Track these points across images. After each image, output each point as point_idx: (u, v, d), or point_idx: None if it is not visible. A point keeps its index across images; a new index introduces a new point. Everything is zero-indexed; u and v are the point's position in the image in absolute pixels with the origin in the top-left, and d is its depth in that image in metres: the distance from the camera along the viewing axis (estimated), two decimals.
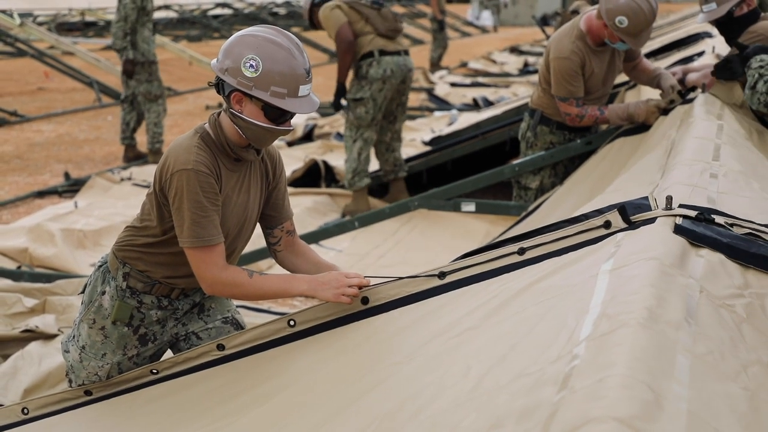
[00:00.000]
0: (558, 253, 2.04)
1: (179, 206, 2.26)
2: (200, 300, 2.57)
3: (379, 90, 5.85)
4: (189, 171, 2.24)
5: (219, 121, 2.34)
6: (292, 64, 2.22)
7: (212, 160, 2.29)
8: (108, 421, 2.40)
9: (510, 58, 16.16)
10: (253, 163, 2.41)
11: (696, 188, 2.33)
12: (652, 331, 1.43)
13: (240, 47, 2.24)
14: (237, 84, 2.23)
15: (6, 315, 4.04)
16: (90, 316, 2.49)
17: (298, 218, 5.72)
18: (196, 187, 2.24)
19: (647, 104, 4.09)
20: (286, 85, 2.22)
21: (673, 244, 1.82)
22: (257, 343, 2.29)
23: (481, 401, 1.49)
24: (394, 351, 2.01)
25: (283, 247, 2.53)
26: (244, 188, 2.39)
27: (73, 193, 6.75)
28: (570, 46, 4.15)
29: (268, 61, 2.21)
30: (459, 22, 24.08)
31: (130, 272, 2.44)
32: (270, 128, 2.27)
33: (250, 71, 2.21)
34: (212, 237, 2.27)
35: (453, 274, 2.13)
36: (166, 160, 2.29)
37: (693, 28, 7.33)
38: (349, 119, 5.95)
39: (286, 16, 23.52)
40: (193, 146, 2.28)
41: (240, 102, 2.26)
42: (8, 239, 5.22)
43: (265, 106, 2.24)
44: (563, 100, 4.23)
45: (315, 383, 2.11)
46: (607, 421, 1.16)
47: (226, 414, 2.19)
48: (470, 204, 4.84)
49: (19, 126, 9.97)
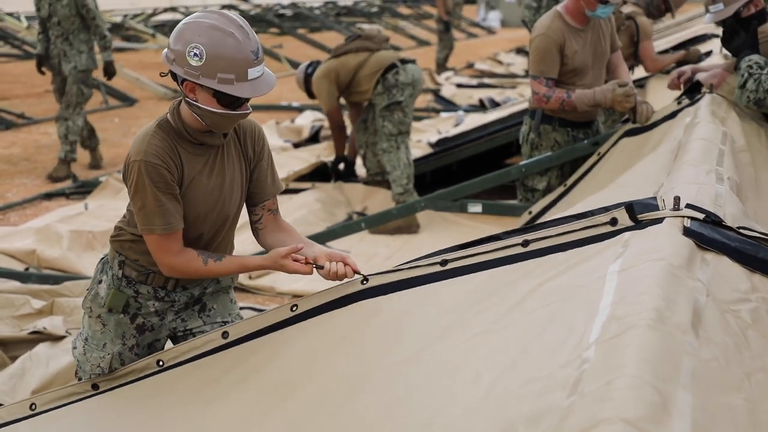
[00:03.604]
0: (562, 248, 2.02)
1: (133, 195, 2.32)
2: (199, 295, 2.57)
3: (410, 95, 5.94)
4: (139, 161, 2.27)
5: (178, 108, 2.35)
6: (238, 48, 2.19)
7: (169, 148, 2.30)
8: (113, 410, 2.41)
9: (516, 59, 16.13)
10: (227, 143, 2.41)
11: (702, 186, 2.32)
12: (660, 333, 1.43)
13: (183, 36, 2.21)
14: (184, 74, 2.21)
15: (14, 316, 4.05)
16: (87, 305, 2.53)
17: (304, 219, 5.73)
18: (146, 176, 2.26)
19: (613, 92, 4.08)
20: (234, 71, 2.19)
21: (681, 245, 1.82)
22: (260, 328, 2.30)
23: (491, 408, 1.49)
24: (400, 347, 2.00)
25: (264, 226, 2.51)
26: (216, 170, 2.39)
27: (80, 195, 6.76)
28: (547, 23, 4.16)
29: (212, 47, 2.17)
30: (465, 23, 24.06)
31: (125, 261, 2.47)
32: (226, 113, 2.26)
33: (195, 60, 2.18)
34: (168, 225, 2.31)
35: (455, 262, 2.12)
36: (129, 150, 2.34)
37: (700, 28, 7.31)
38: (386, 130, 5.93)
39: (292, 18, 23.52)
40: (148, 135, 2.30)
41: (193, 90, 2.25)
42: (16, 241, 5.24)
43: (216, 93, 2.22)
44: (535, 78, 4.22)
45: (317, 375, 2.11)
46: (615, 422, 1.16)
47: (226, 400, 2.20)
48: (477, 205, 4.83)
49: (27, 128, 9.99)
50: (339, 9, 25.78)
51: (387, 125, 5.92)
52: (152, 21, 19.63)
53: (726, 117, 3.46)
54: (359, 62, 5.93)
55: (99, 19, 7.19)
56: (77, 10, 7.10)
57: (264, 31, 21.55)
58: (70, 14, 7.11)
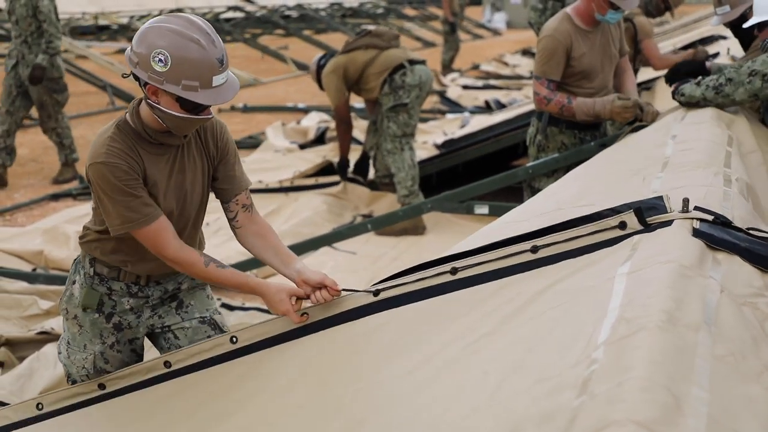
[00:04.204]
0: (572, 254, 2.02)
1: (100, 197, 2.30)
2: (174, 290, 2.56)
3: (416, 97, 5.88)
4: (99, 164, 2.26)
5: (138, 109, 2.34)
6: (203, 55, 2.18)
7: (129, 148, 2.29)
8: (123, 418, 2.41)
9: (522, 60, 16.12)
10: (188, 142, 2.40)
11: (710, 189, 2.32)
12: (670, 334, 1.43)
13: (148, 40, 2.19)
14: (148, 78, 2.20)
15: (22, 317, 4.07)
16: (63, 306, 2.54)
17: (310, 220, 5.74)
18: (109, 177, 2.25)
19: (613, 104, 4.09)
20: (198, 78, 2.18)
21: (691, 246, 1.82)
22: (269, 336, 2.30)
23: (499, 407, 1.49)
24: (409, 356, 2.00)
25: (242, 224, 2.49)
26: (177, 169, 2.38)
27: (86, 196, 6.78)
28: (555, 25, 4.17)
29: (177, 53, 2.16)
30: (471, 24, 24.05)
31: (95, 258, 2.48)
32: (188, 118, 2.25)
33: (160, 65, 2.17)
34: (147, 215, 2.29)
35: (465, 270, 2.12)
36: (88, 153, 2.33)
37: (707, 30, 7.30)
38: (390, 131, 5.89)
39: (297, 19, 23.55)
40: (106, 137, 2.29)
41: (155, 93, 2.24)
42: (24, 242, 5.25)
43: (179, 98, 2.21)
44: (537, 79, 4.22)
45: (325, 384, 2.11)
46: (627, 424, 1.16)
47: (237, 409, 2.20)
48: (483, 206, 4.83)
49: (34, 129, 10.00)
50: (344, 10, 25.79)
51: (392, 126, 5.89)
52: None
53: (733, 120, 3.45)
54: (368, 59, 5.88)
55: (51, 24, 6.79)
56: (34, 12, 6.77)
57: (270, 32, 21.58)
58: (26, 15, 6.76)
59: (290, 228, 5.58)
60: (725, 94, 3.54)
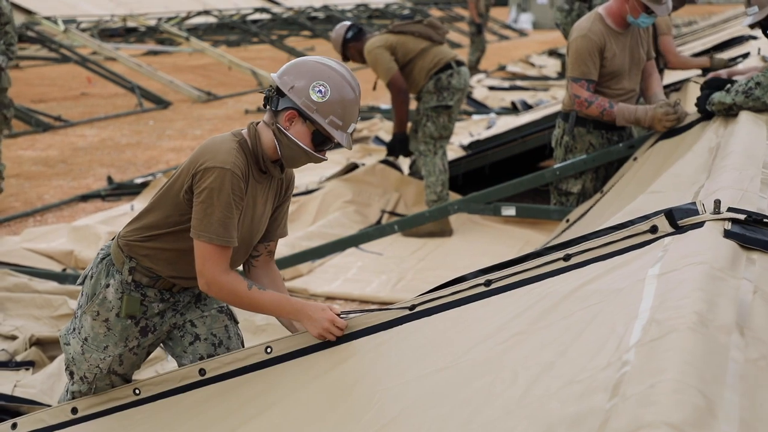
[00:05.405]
0: (604, 258, 2.02)
1: (208, 201, 2.31)
2: (199, 290, 2.58)
3: (458, 100, 5.73)
4: (227, 170, 2.29)
5: (258, 131, 2.40)
6: (355, 101, 2.36)
7: (245, 167, 2.35)
8: (156, 422, 2.42)
9: (548, 61, 16.05)
10: (275, 178, 2.48)
11: (746, 193, 2.29)
12: (702, 336, 1.42)
13: (312, 71, 2.34)
14: (301, 104, 2.31)
15: (52, 317, 4.11)
16: (94, 309, 2.53)
17: (337, 221, 5.75)
18: (229, 187, 2.29)
19: (654, 111, 4.08)
20: (344, 119, 2.34)
21: (723, 247, 1.80)
22: (304, 346, 2.31)
23: (531, 409, 1.49)
24: (439, 356, 2.01)
25: (260, 265, 2.58)
26: (261, 201, 2.45)
27: (115, 197, 6.85)
28: (588, 25, 4.16)
29: (336, 92, 2.32)
30: (497, 25, 23.99)
31: (136, 267, 2.49)
32: (309, 152, 2.36)
33: (318, 95, 2.31)
34: (230, 238, 2.33)
35: (499, 281, 2.13)
36: (201, 155, 2.34)
37: (737, 30, 7.23)
38: (427, 130, 5.71)
39: (324, 21, 23.61)
40: (232, 148, 2.34)
41: (291, 120, 2.34)
42: (54, 241, 5.31)
43: (316, 131, 2.33)
44: (575, 81, 4.20)
45: (360, 387, 2.12)
46: (659, 426, 1.15)
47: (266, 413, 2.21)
48: (510, 208, 4.80)
49: (63, 131, 10.13)
50: (371, 11, 25.82)
51: (429, 126, 5.70)
52: (186, 24, 19.81)
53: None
54: (420, 49, 5.62)
55: (13, 27, 5.99)
56: None
57: (296, 33, 21.65)
58: None
59: (317, 229, 5.59)
60: (755, 97, 3.55)
